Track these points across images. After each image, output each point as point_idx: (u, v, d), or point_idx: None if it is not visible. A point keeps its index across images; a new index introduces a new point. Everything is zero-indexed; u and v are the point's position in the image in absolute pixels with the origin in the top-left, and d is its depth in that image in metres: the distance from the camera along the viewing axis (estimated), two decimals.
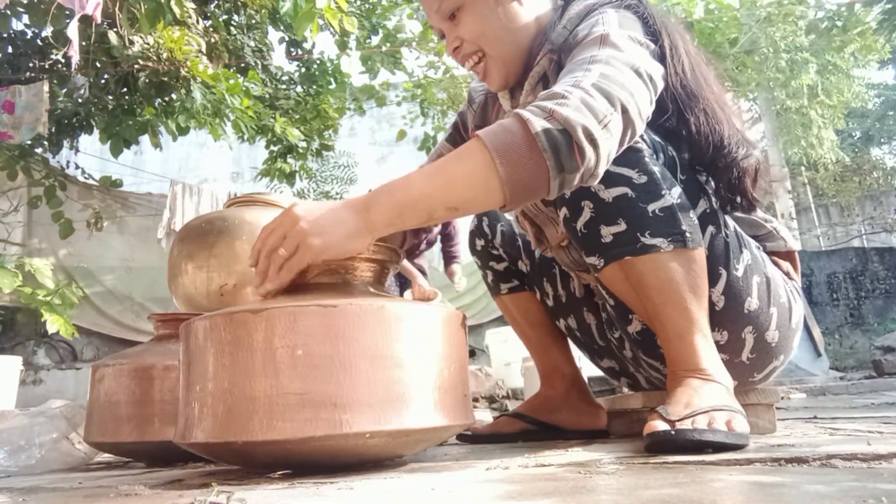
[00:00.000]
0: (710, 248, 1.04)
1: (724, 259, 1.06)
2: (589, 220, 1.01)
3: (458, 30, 1.13)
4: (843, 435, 1.02)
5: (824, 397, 3.35)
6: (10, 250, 5.68)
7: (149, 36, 4.09)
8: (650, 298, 0.99)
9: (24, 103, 4.38)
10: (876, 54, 8.56)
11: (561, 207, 1.05)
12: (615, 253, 1.00)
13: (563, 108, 0.84)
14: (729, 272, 1.06)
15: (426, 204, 0.86)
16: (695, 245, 0.98)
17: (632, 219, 0.98)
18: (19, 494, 0.86)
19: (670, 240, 0.97)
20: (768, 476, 0.63)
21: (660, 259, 0.97)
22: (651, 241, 0.97)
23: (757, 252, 1.12)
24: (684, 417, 0.86)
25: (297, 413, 0.76)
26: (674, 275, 0.97)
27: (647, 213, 0.98)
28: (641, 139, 1.00)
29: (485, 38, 1.12)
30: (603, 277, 1.07)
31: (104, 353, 6.32)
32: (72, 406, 1.37)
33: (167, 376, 1.17)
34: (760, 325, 1.08)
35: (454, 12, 1.11)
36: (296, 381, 0.76)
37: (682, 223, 0.98)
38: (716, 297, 1.05)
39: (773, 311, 1.10)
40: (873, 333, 6.77)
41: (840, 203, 12.19)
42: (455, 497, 0.59)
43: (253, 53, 5.41)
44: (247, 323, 0.80)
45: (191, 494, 0.73)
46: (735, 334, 1.08)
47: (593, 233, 1.01)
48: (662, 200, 0.98)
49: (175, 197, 6.29)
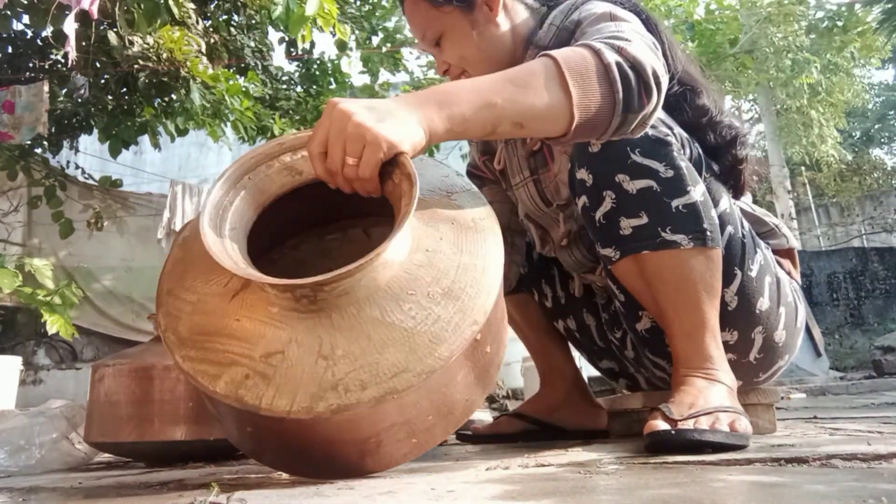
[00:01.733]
0: (728, 247, 1.04)
1: (739, 259, 1.05)
2: (609, 210, 1.00)
3: (443, 55, 1.18)
4: (843, 435, 1.02)
5: (824, 397, 3.35)
6: (10, 250, 5.68)
7: (148, 36, 4.09)
8: (663, 295, 0.99)
9: (23, 103, 4.38)
10: (876, 54, 8.56)
11: (580, 196, 1.04)
12: (633, 246, 0.99)
13: (631, 47, 0.83)
14: (744, 272, 1.05)
15: (493, 114, 0.79)
16: (714, 244, 0.98)
17: (654, 213, 0.97)
18: (19, 494, 0.86)
19: (691, 237, 0.96)
20: (768, 476, 0.63)
21: (678, 256, 0.96)
22: (672, 238, 0.96)
23: (767, 252, 1.13)
24: (687, 417, 0.86)
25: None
26: (690, 273, 0.96)
27: (671, 208, 0.97)
28: (672, 133, 1.00)
29: (465, 60, 1.16)
30: (616, 270, 1.06)
31: (104, 353, 6.32)
32: (72, 406, 1.37)
33: (167, 376, 1.17)
34: (770, 325, 1.08)
35: (437, 40, 1.16)
36: None
37: (704, 221, 0.97)
38: (729, 297, 1.04)
39: (781, 311, 1.10)
40: (873, 333, 6.77)
41: (840, 203, 12.20)
42: (455, 497, 0.59)
43: (253, 54, 5.41)
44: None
45: (191, 494, 0.73)
46: (745, 334, 1.08)
47: (612, 224, 1.00)
48: (687, 197, 0.97)
49: (175, 197, 6.29)
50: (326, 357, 0.70)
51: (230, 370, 0.71)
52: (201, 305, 0.78)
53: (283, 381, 0.70)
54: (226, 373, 0.71)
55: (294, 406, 0.68)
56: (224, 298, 0.78)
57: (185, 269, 0.83)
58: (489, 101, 0.79)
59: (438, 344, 0.71)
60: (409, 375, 0.69)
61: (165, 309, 0.80)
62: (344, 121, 0.73)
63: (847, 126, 12.64)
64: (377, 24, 6.13)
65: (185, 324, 0.77)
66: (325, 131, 0.74)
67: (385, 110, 0.75)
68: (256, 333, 0.73)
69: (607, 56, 0.81)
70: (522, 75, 0.82)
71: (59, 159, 5.88)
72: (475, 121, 0.79)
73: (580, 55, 0.82)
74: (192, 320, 0.77)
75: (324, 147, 0.75)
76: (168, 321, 0.78)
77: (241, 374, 0.71)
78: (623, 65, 0.82)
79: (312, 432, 0.72)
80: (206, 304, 0.78)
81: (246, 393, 0.69)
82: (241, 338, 0.74)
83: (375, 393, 0.68)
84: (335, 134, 0.74)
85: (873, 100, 15.50)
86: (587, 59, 0.82)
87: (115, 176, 6.18)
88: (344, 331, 0.72)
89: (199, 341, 0.75)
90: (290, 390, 0.69)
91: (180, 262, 0.85)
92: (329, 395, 0.68)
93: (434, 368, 0.70)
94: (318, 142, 0.75)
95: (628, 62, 0.82)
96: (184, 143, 8.60)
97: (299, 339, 0.72)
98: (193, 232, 0.86)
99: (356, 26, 5.72)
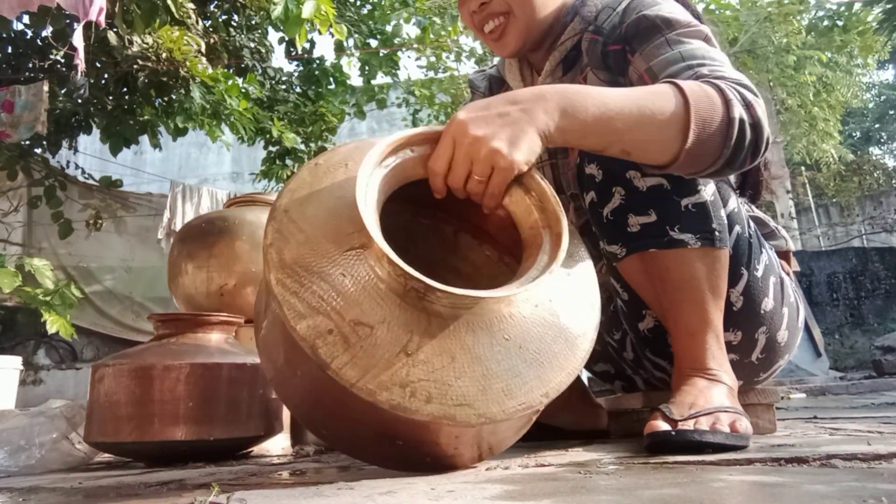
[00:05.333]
0: (735, 247, 1.03)
1: (746, 259, 1.05)
2: (618, 207, 0.99)
3: None
4: (843, 435, 1.02)
5: (824, 397, 3.35)
6: (10, 250, 5.68)
7: (148, 36, 4.09)
8: (668, 294, 0.98)
9: (23, 103, 4.38)
10: (876, 54, 8.57)
11: (588, 191, 1.03)
12: (640, 244, 0.98)
13: (758, 107, 0.83)
14: (750, 272, 1.05)
15: (609, 137, 0.80)
16: (722, 245, 0.97)
17: (663, 211, 0.96)
18: (19, 494, 0.86)
19: (699, 237, 0.96)
20: (768, 476, 0.63)
21: (685, 255, 0.95)
22: (680, 237, 0.95)
23: (771, 252, 1.13)
24: (688, 418, 0.86)
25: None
26: (696, 273, 0.96)
27: (680, 207, 0.96)
28: None
29: None
30: (621, 267, 1.06)
31: (104, 353, 6.32)
32: (72, 406, 1.36)
33: (167, 376, 1.17)
34: (774, 325, 1.08)
35: None
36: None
37: (713, 221, 0.97)
38: (735, 297, 1.04)
39: (784, 311, 1.10)
40: (873, 333, 6.76)
41: (840, 203, 12.19)
42: (455, 497, 0.59)
43: (251, 55, 5.41)
44: None
45: (191, 494, 0.73)
46: (749, 335, 1.08)
47: (620, 221, 0.99)
48: (697, 196, 0.96)
49: (175, 197, 6.29)
50: (409, 354, 0.71)
51: (317, 318, 0.70)
52: (315, 241, 0.76)
53: (361, 354, 0.69)
54: (312, 318, 0.70)
55: (360, 382, 0.68)
56: (339, 246, 0.76)
57: (309, 196, 0.80)
58: (612, 123, 0.79)
59: (508, 398, 0.72)
60: (470, 412, 0.70)
61: (278, 226, 0.77)
62: (476, 145, 0.73)
63: (846, 126, 12.64)
64: (374, 27, 6.13)
65: (292, 249, 0.75)
66: (450, 150, 0.75)
67: (517, 130, 0.74)
68: (355, 297, 0.72)
69: (735, 110, 0.81)
70: (651, 105, 0.81)
71: (59, 159, 5.89)
72: (590, 137, 0.79)
73: (710, 101, 0.82)
74: (301, 250, 0.75)
75: (448, 165, 0.76)
76: (276, 238, 0.75)
77: (326, 327, 0.70)
78: (745, 123, 0.82)
79: (362, 411, 0.72)
80: (319, 243, 0.76)
81: (323, 346, 0.69)
82: (340, 293, 0.72)
83: (435, 411, 0.68)
84: (463, 156, 0.74)
85: (873, 99, 15.50)
86: (716, 108, 0.82)
87: (115, 176, 6.19)
88: (434, 339, 0.72)
89: (299, 273, 0.73)
90: (363, 366, 0.69)
91: (306, 186, 0.82)
92: (395, 391, 0.68)
93: (494, 418, 0.71)
94: (443, 161, 0.76)
95: (751, 121, 0.82)
96: (184, 143, 8.61)
97: (391, 325, 0.72)
98: (329, 164, 0.84)
99: (354, 29, 5.72)
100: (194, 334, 1.30)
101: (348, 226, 0.77)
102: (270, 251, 0.74)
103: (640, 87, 0.85)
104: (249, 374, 1.25)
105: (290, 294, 0.71)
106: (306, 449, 1.26)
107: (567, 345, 0.79)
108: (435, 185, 0.79)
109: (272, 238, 0.76)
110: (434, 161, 0.77)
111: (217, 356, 1.24)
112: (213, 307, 1.71)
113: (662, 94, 0.82)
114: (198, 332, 1.31)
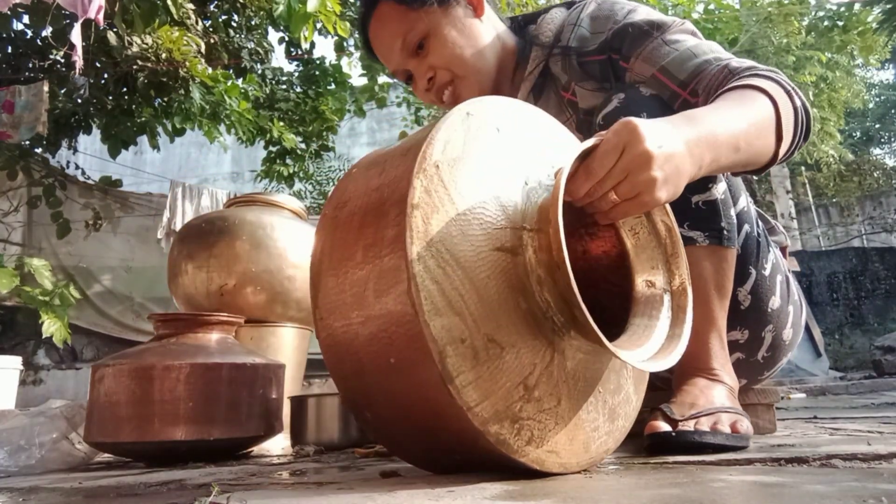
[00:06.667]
0: (744, 246, 1.03)
1: (755, 258, 1.05)
2: None
3: (427, 60, 1.12)
4: (843, 435, 1.02)
5: (824, 397, 3.34)
6: (10, 250, 5.68)
7: (147, 36, 4.09)
8: None
9: (23, 103, 4.38)
10: (876, 54, 8.56)
11: None
12: None
13: (797, 90, 0.88)
14: (758, 271, 1.05)
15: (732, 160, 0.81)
16: (729, 244, 0.97)
17: (673, 207, 0.96)
18: (19, 494, 0.86)
19: (707, 235, 0.96)
20: (768, 476, 0.63)
21: (692, 253, 0.95)
22: (688, 234, 0.96)
23: (776, 250, 1.13)
24: (688, 418, 0.86)
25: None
26: (703, 271, 0.96)
27: (690, 203, 0.96)
28: None
29: (456, 59, 1.10)
30: None
31: (104, 353, 6.32)
32: (72, 406, 1.36)
33: (167, 376, 1.17)
34: (780, 323, 1.08)
35: (421, 42, 1.10)
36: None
37: (723, 220, 0.97)
38: (742, 295, 1.04)
39: (790, 309, 1.10)
40: (873, 333, 6.76)
41: (840, 203, 12.18)
42: (455, 497, 0.59)
43: (251, 56, 5.41)
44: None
45: (191, 494, 0.73)
46: (756, 333, 1.08)
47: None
48: (708, 193, 0.96)
49: (175, 197, 6.29)
50: (528, 388, 0.65)
51: (454, 319, 0.61)
52: (465, 222, 0.65)
53: (486, 376, 0.62)
54: (448, 317, 0.60)
55: (477, 407, 0.61)
56: (489, 240, 0.65)
57: (462, 157, 0.68)
58: (737, 148, 0.80)
59: (586, 451, 0.72)
60: (555, 460, 0.69)
61: (427, 184, 0.63)
62: (644, 164, 0.67)
63: (846, 126, 12.64)
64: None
65: (440, 221, 0.63)
66: (618, 152, 0.67)
67: (680, 173, 0.71)
68: (494, 309, 0.64)
69: (796, 99, 0.87)
70: (759, 119, 0.83)
71: (59, 159, 5.89)
72: (721, 167, 0.80)
73: (784, 96, 0.86)
74: (449, 229, 0.63)
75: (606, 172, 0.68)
76: (425, 200, 0.62)
77: (460, 334, 0.61)
78: (800, 111, 0.87)
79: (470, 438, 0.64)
80: (470, 225, 0.65)
81: (453, 355, 0.60)
82: (482, 299, 0.63)
83: (530, 455, 0.65)
84: (628, 166, 0.67)
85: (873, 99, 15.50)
86: (789, 105, 0.86)
87: (114, 176, 6.19)
88: (551, 379, 0.68)
89: (444, 258, 0.62)
90: (484, 391, 0.62)
91: (460, 141, 0.68)
92: (505, 425, 0.63)
93: (569, 469, 0.70)
94: (606, 163, 0.67)
95: (803, 106, 0.87)
96: (184, 143, 8.61)
97: (521, 352, 0.65)
98: (481, 120, 0.72)
99: (357, 29, 5.72)
100: (194, 334, 1.30)
101: (500, 216, 0.67)
102: (416, 214, 0.62)
103: (733, 100, 0.84)
104: (249, 374, 1.25)
105: (429, 281, 0.60)
106: (306, 449, 1.26)
107: (630, 405, 0.81)
108: (578, 188, 0.69)
109: (420, 197, 0.62)
110: (599, 163, 0.68)
111: (217, 356, 1.24)
112: (213, 307, 1.71)
113: (763, 105, 0.84)
114: (198, 332, 1.31)
